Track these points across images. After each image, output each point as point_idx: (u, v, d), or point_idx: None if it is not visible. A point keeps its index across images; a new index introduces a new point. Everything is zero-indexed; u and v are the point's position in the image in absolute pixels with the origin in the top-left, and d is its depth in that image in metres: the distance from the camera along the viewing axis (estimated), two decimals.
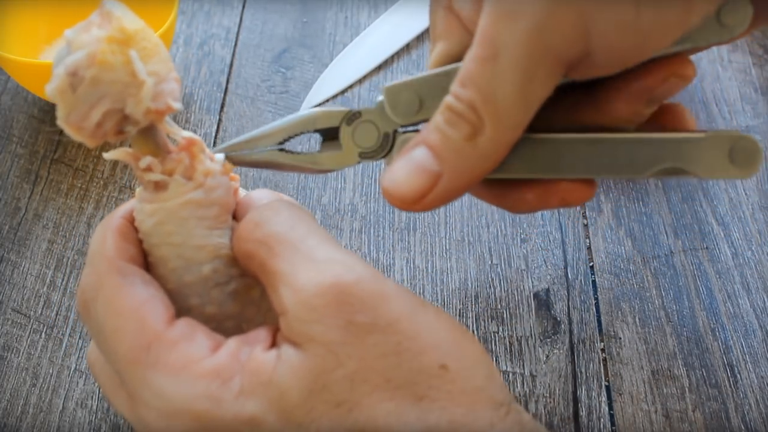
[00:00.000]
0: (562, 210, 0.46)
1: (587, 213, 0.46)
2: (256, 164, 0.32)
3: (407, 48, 0.56)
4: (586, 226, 0.46)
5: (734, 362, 0.40)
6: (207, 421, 0.26)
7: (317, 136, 0.33)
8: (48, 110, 0.52)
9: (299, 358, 0.26)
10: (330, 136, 0.32)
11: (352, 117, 0.32)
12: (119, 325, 0.28)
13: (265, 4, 0.59)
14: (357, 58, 0.55)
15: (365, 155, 0.32)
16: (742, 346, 0.41)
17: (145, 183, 0.29)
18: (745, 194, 0.47)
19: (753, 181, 0.48)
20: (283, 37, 0.57)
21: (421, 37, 0.56)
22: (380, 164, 0.49)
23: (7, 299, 0.43)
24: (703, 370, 0.40)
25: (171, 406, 0.27)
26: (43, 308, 0.42)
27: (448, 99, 0.29)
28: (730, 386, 0.39)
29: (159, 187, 0.29)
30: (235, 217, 0.31)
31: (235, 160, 0.32)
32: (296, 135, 0.32)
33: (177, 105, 0.28)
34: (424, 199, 0.29)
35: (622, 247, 0.45)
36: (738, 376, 0.40)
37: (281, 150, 0.32)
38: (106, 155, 0.29)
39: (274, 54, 0.55)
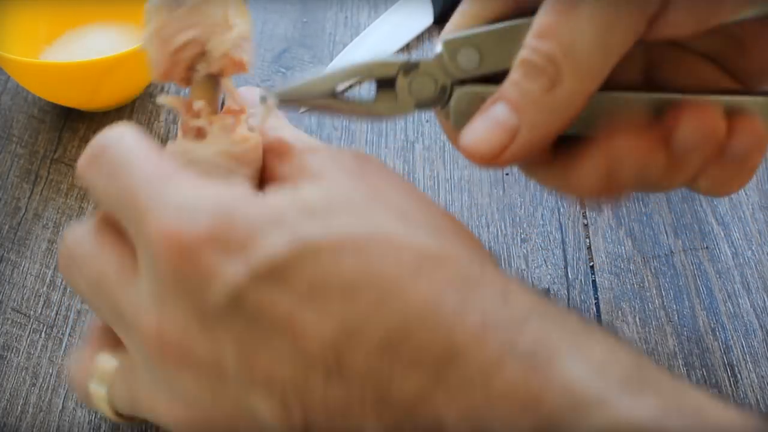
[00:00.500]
0: (562, 210, 0.46)
1: (587, 213, 0.46)
2: (309, 107, 0.33)
3: (407, 48, 0.56)
4: (586, 226, 0.46)
5: (734, 362, 0.40)
6: (228, 214, 0.26)
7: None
8: (48, 110, 0.52)
9: (318, 182, 0.28)
10: (386, 84, 0.32)
11: (409, 68, 0.31)
12: (139, 158, 0.28)
13: (265, 4, 0.59)
14: (357, 58, 0.55)
15: (421, 105, 0.32)
16: (743, 346, 0.41)
17: (187, 129, 0.31)
18: (745, 194, 0.47)
19: (753, 181, 0.48)
20: (283, 37, 0.57)
21: (421, 37, 0.56)
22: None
23: (7, 299, 0.43)
24: (703, 369, 0.40)
25: (191, 203, 0.26)
26: (43, 308, 0.42)
27: (525, 53, 0.29)
28: (730, 386, 0.39)
29: (199, 134, 0.31)
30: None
31: (288, 100, 0.32)
32: (351, 82, 0.32)
33: (249, 65, 0.31)
34: (503, 154, 0.29)
35: (622, 247, 0.45)
36: (738, 375, 0.40)
37: (335, 97, 0.32)
38: (161, 99, 0.32)
39: (274, 54, 0.55)
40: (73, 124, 0.51)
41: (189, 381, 0.27)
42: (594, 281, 0.43)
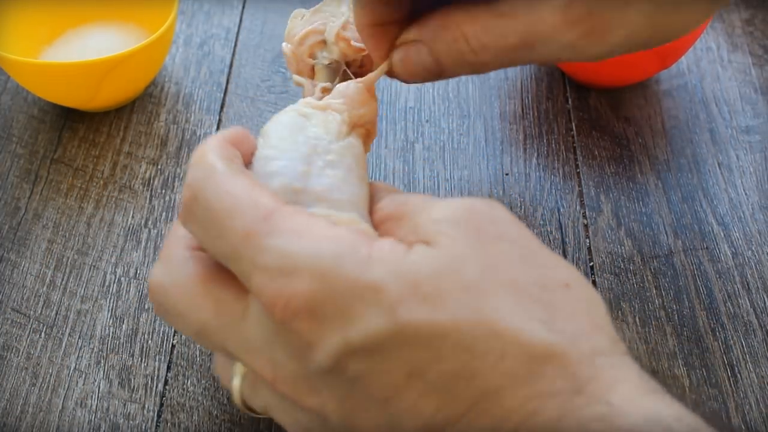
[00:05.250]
0: (561, 210, 0.46)
1: (587, 213, 0.46)
2: None
3: None
4: (586, 226, 0.46)
5: (734, 362, 0.40)
6: (328, 280, 0.25)
7: None
8: (48, 110, 0.52)
9: (431, 249, 0.26)
10: None
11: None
12: (233, 204, 0.27)
13: (265, 4, 0.59)
14: None
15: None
16: (742, 346, 0.41)
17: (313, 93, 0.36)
18: (745, 194, 0.47)
19: (753, 181, 0.48)
20: (282, 37, 0.57)
21: None
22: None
23: (7, 299, 0.43)
24: (703, 369, 0.40)
25: (291, 263, 0.26)
26: (42, 308, 0.42)
27: None
28: (731, 386, 0.39)
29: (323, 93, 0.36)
30: None
31: None
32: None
33: (359, 48, 0.37)
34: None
35: (622, 247, 0.45)
36: (738, 375, 0.40)
37: None
38: (296, 77, 0.38)
39: (274, 54, 0.55)
40: (73, 124, 0.51)
41: (302, 415, 0.28)
42: (594, 281, 0.43)
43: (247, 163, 0.31)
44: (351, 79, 0.36)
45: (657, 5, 0.30)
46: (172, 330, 0.41)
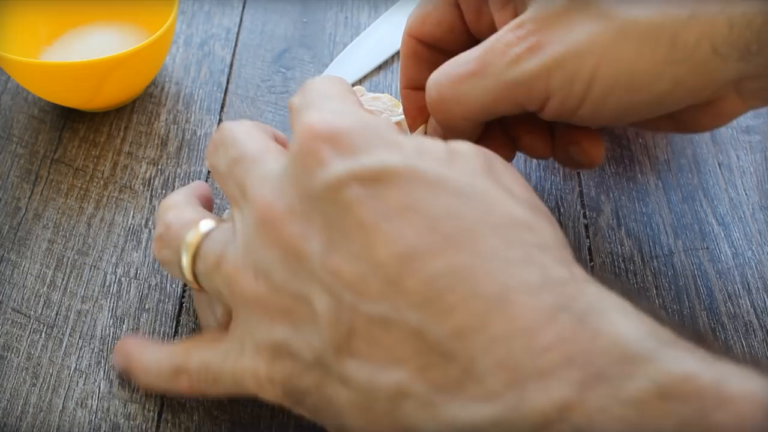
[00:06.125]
0: (562, 210, 0.46)
1: (587, 213, 0.46)
2: None
3: None
4: (586, 226, 0.46)
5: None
6: (366, 127, 0.30)
7: None
8: (48, 110, 0.52)
9: (443, 144, 0.31)
10: None
11: None
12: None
13: (265, 4, 0.59)
14: (357, 58, 0.55)
15: None
16: (743, 346, 0.41)
17: None
18: (746, 194, 0.47)
19: (753, 181, 0.48)
20: (283, 37, 0.57)
21: None
22: None
23: (7, 299, 0.43)
24: None
25: (341, 110, 0.32)
26: (43, 308, 0.42)
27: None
28: None
29: None
30: None
31: None
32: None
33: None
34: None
35: (623, 247, 0.45)
36: None
37: None
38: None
39: (274, 54, 0.55)
40: (73, 124, 0.51)
41: (276, 252, 0.30)
42: None
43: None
44: None
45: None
46: (173, 331, 0.41)
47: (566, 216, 0.46)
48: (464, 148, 0.31)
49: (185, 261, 0.34)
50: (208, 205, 0.40)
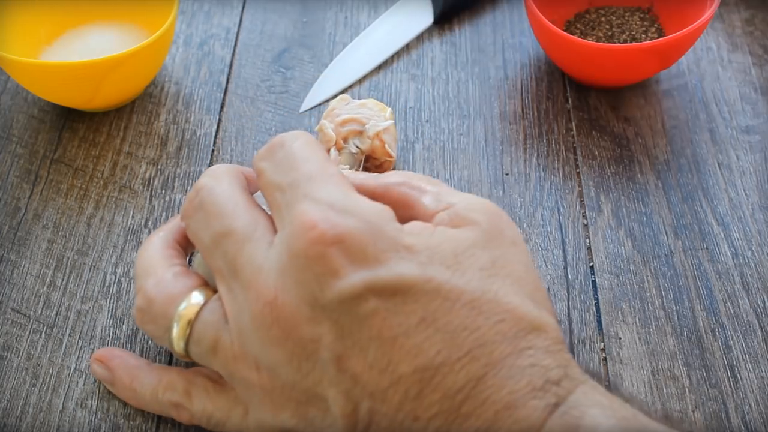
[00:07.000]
0: (561, 210, 0.46)
1: (587, 213, 0.46)
2: None
3: (407, 48, 0.56)
4: (586, 226, 0.46)
5: (734, 362, 0.40)
6: (372, 229, 0.30)
7: None
8: (48, 110, 0.52)
9: (456, 230, 0.32)
10: None
11: None
12: (309, 155, 0.32)
13: (265, 4, 0.59)
14: (357, 58, 0.55)
15: None
16: (742, 346, 0.41)
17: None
18: (745, 194, 0.47)
19: (753, 181, 0.48)
20: (283, 37, 0.57)
21: (420, 37, 0.56)
22: None
23: (7, 299, 0.43)
24: (703, 370, 0.40)
25: (341, 204, 0.30)
26: (43, 308, 0.42)
27: None
28: (730, 386, 0.39)
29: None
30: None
31: None
32: None
33: (388, 153, 0.45)
34: None
35: (622, 247, 0.45)
36: (738, 376, 0.40)
37: None
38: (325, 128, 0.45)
39: (274, 54, 0.55)
40: (73, 124, 0.51)
41: (282, 353, 0.30)
42: (594, 281, 0.43)
43: None
44: (368, 171, 0.44)
45: None
46: None
47: (566, 216, 0.46)
48: (468, 235, 0.32)
49: (178, 347, 0.34)
50: (186, 242, 0.38)
